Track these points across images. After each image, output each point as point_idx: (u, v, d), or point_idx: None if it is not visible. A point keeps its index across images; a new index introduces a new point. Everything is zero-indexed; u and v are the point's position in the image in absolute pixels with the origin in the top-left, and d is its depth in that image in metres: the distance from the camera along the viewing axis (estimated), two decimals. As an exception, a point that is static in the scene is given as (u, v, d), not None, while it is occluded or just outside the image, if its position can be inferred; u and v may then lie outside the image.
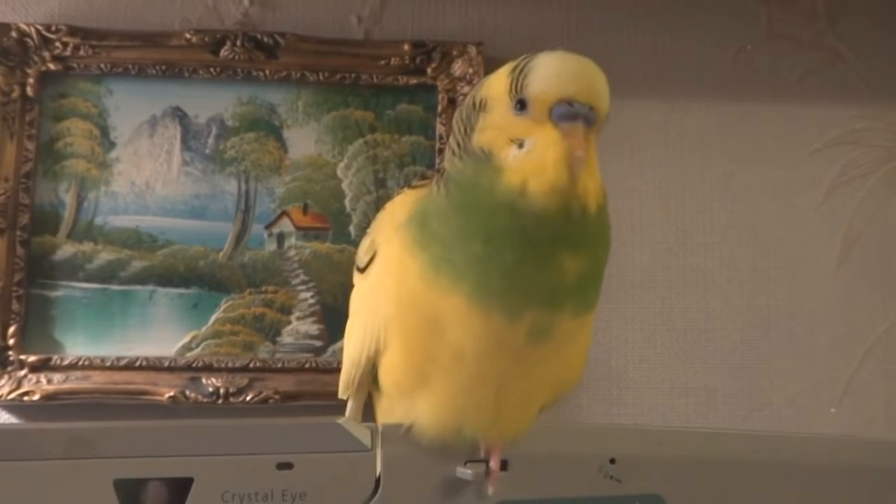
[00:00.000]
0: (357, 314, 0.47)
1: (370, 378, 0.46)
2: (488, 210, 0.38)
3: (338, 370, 0.49)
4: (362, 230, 0.75)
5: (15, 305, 0.75)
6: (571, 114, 0.37)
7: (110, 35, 0.78)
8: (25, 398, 0.73)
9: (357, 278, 0.48)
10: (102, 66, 0.78)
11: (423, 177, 0.45)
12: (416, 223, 0.41)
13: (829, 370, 0.84)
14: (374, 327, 0.43)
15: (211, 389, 0.75)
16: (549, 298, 0.39)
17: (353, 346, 0.46)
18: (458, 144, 0.41)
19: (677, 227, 0.84)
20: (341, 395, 0.49)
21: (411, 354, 0.41)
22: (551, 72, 0.38)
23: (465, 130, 0.41)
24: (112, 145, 0.78)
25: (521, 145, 0.38)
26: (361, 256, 0.46)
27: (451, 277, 0.39)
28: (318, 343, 0.78)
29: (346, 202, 0.80)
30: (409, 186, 0.45)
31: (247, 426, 0.41)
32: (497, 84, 0.40)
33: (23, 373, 0.74)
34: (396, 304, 0.42)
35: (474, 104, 0.41)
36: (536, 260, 0.38)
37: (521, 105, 0.38)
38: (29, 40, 0.77)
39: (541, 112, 0.38)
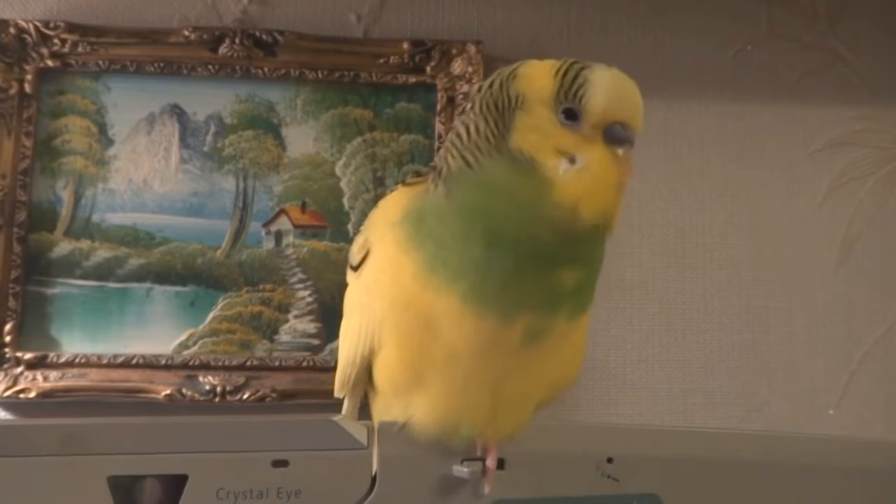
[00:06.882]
0: (351, 313, 0.46)
1: (366, 377, 0.45)
2: (507, 215, 0.37)
3: (335, 369, 0.49)
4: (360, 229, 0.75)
5: (11, 302, 0.74)
6: (625, 138, 0.37)
7: (109, 32, 0.78)
8: (21, 396, 0.73)
9: (350, 277, 0.47)
10: (101, 63, 0.78)
11: (418, 174, 0.43)
12: (410, 221, 0.40)
13: (827, 371, 0.84)
14: (368, 326, 0.43)
15: (208, 388, 0.75)
16: (544, 304, 0.39)
17: (347, 345, 0.46)
18: (488, 139, 0.38)
19: (676, 228, 0.84)
20: (337, 393, 0.49)
21: (405, 354, 0.41)
22: (613, 91, 0.37)
23: (497, 126, 0.39)
24: (110, 142, 0.78)
25: (571, 160, 0.37)
26: (355, 254, 0.46)
27: (445, 279, 0.38)
28: (315, 341, 0.78)
29: (345, 200, 0.80)
30: (403, 183, 0.44)
31: (242, 423, 0.41)
32: (538, 83, 0.38)
33: (19, 370, 0.74)
34: (390, 303, 0.41)
35: (509, 99, 0.39)
36: (539, 271, 0.38)
37: (569, 115, 0.37)
38: (27, 37, 0.77)
39: (594, 129, 0.37)
